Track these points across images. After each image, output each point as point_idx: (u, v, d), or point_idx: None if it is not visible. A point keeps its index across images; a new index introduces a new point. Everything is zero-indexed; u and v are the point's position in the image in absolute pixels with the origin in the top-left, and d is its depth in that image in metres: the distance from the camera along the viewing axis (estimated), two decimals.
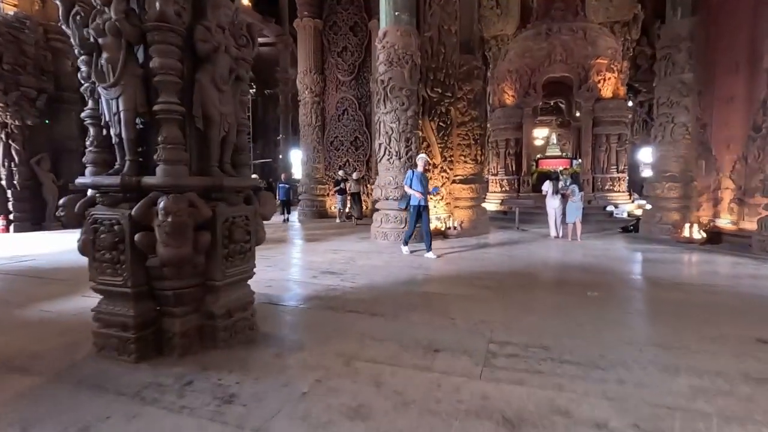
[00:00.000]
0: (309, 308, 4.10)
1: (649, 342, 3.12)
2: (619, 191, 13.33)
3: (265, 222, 3.51)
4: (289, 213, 13.34)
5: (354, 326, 3.51)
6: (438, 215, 9.83)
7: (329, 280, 5.20)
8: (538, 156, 16.87)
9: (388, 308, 4.03)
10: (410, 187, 7.00)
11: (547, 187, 9.24)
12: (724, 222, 7.91)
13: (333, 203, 15.04)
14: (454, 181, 10.23)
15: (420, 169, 7.16)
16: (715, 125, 8.13)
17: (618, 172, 13.40)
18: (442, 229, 9.41)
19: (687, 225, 7.99)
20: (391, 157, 8.47)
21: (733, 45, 7.67)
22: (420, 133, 8.85)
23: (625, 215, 12.37)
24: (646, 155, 18.76)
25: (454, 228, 9.30)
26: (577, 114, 15.62)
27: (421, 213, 7.01)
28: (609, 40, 13.34)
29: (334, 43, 14.52)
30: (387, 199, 8.54)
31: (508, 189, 14.18)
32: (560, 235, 9.16)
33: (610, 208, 12.62)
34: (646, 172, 19.15)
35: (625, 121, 13.47)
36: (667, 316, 3.75)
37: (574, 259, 6.72)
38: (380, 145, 8.61)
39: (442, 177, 10.02)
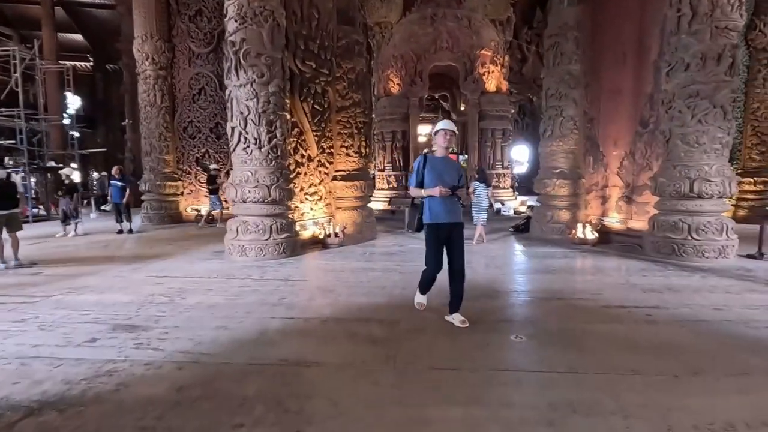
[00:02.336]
0: None
1: None
2: (504, 187, 13.13)
3: (89, 232, 1.33)
4: (128, 220, 9.95)
5: None
6: (316, 219, 8.05)
7: (114, 348, 3.06)
8: (425, 150, 16.17)
9: (197, 422, 2.13)
10: (416, 186, 3.57)
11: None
12: (613, 221, 7.65)
13: (189, 204, 12.22)
14: (335, 178, 8.54)
15: (441, 150, 3.59)
16: (602, 119, 7.83)
17: (503, 167, 13.19)
18: (321, 236, 7.65)
19: (580, 225, 7.54)
20: (249, 146, 6.40)
21: (620, 36, 7.35)
22: (289, 116, 6.93)
23: (511, 212, 12.11)
24: (518, 153, 19.50)
25: (336, 235, 7.61)
26: (462, 108, 15.22)
27: (449, 238, 3.49)
28: (492, 32, 13.00)
29: (184, 5, 11.64)
30: (245, 201, 6.45)
31: (395, 186, 13.03)
32: None
33: (497, 205, 12.25)
34: (518, 169, 20.00)
35: (509, 116, 13.33)
36: (630, 380, 2.55)
37: (477, 274, 5.53)
38: (233, 129, 6.46)
39: (321, 173, 8.25)
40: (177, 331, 3.41)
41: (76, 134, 17.66)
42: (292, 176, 7.31)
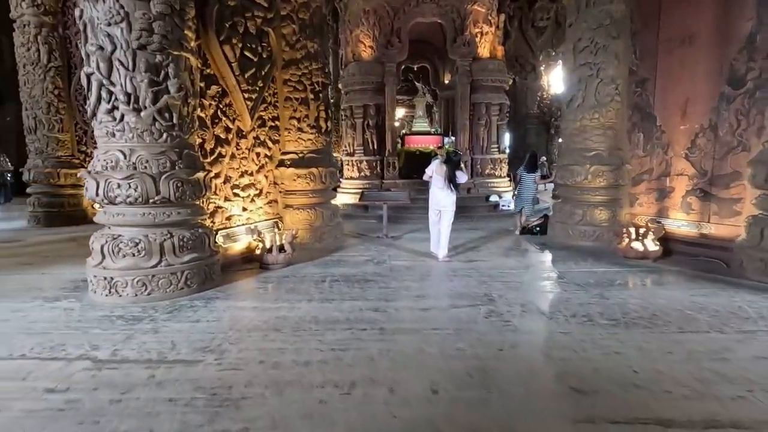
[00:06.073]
0: None
1: None
2: (500, 177, 10.81)
3: None
4: None
5: None
6: (253, 224, 5.46)
7: None
8: (404, 132, 13.69)
9: None
10: None
11: (433, 170, 5.54)
12: (678, 224, 5.47)
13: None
14: (282, 163, 5.96)
15: None
16: (660, 81, 5.58)
17: (500, 152, 10.86)
18: (258, 251, 5.08)
19: (632, 230, 5.31)
20: (117, 108, 3.72)
21: None
22: (195, 62, 4.25)
23: (511, 207, 9.84)
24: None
25: (281, 249, 5.05)
26: (446, 81, 12.74)
27: None
28: None
29: None
30: (113, 202, 3.79)
31: (368, 174, 10.49)
32: (441, 255, 5.42)
33: (494, 198, 9.98)
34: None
35: (506, 87, 10.94)
36: None
37: (523, 344, 3.16)
38: (89, 77, 3.75)
39: (260, 155, 5.66)
40: None
41: None
42: (208, 160, 4.70)
